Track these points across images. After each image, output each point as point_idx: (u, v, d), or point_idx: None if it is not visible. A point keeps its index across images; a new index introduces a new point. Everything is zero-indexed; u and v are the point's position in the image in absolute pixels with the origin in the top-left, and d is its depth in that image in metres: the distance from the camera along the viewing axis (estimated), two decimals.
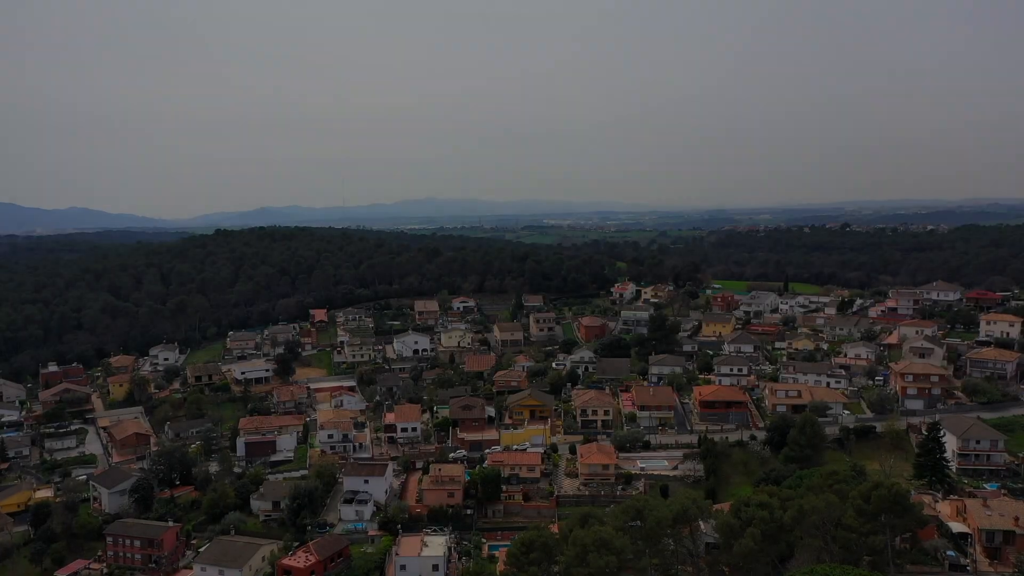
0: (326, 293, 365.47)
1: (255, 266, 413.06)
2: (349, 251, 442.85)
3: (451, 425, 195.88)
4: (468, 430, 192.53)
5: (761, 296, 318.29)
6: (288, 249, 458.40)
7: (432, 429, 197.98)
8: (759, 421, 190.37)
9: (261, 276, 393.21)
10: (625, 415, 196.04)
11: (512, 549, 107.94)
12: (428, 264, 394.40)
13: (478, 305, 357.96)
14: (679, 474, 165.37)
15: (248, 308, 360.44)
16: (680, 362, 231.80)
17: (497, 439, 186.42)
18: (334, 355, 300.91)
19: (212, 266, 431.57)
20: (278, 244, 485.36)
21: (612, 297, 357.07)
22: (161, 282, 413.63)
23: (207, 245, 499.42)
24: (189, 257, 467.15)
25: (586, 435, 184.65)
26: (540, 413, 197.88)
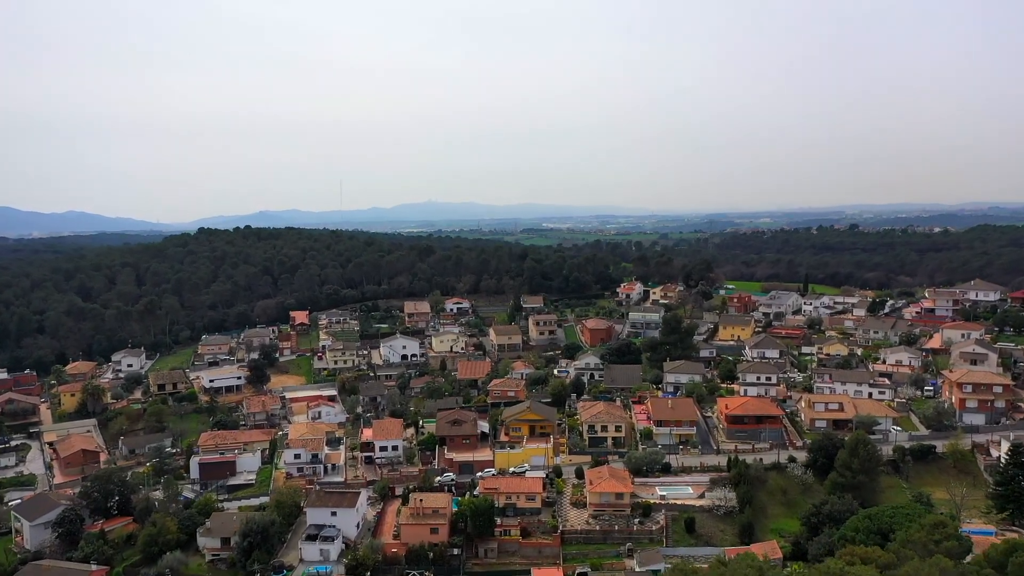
0: (309, 294, 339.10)
1: (235, 265, 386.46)
2: (337, 250, 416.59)
3: (438, 443, 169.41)
4: (457, 449, 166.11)
5: (781, 296, 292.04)
6: (273, 248, 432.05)
7: (416, 448, 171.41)
8: (796, 439, 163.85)
9: (241, 276, 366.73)
10: (640, 432, 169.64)
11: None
12: (420, 263, 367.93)
13: (473, 307, 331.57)
14: (707, 504, 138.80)
15: (225, 310, 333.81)
16: (699, 369, 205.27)
17: (491, 460, 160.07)
18: (314, 361, 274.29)
19: (191, 265, 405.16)
20: (263, 243, 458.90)
21: (618, 298, 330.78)
22: (136, 282, 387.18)
23: (188, 244, 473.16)
24: (168, 256, 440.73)
25: (595, 456, 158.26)
26: (541, 429, 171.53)
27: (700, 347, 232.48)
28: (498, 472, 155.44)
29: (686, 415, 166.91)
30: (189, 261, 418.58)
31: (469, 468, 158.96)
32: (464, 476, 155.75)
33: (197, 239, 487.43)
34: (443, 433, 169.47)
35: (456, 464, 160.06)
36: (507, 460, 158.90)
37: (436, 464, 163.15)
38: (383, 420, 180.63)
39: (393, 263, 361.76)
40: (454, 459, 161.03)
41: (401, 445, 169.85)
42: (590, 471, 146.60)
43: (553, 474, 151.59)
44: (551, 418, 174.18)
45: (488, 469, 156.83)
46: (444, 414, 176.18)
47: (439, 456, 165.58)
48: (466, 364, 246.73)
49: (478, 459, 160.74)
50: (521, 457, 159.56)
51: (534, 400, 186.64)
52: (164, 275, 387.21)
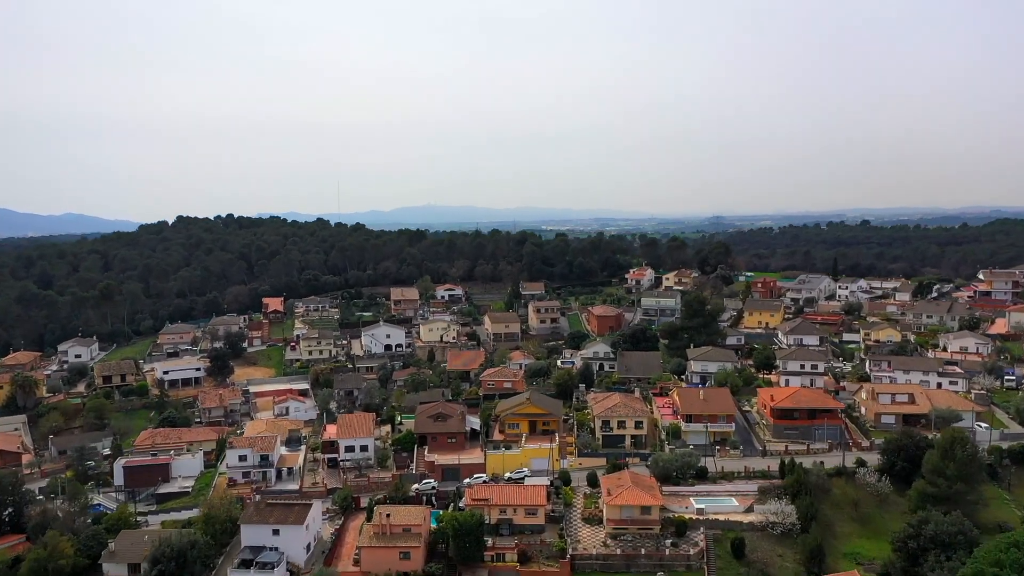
0: (287, 280, 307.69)
1: (210, 252, 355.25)
2: (321, 236, 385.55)
3: (416, 443, 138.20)
4: (441, 450, 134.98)
5: (812, 281, 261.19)
6: (253, 236, 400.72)
7: (390, 448, 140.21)
8: (859, 437, 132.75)
9: (214, 262, 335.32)
10: (664, 428, 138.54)
11: None
12: (410, 248, 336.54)
13: (467, 294, 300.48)
14: (758, 520, 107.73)
15: (194, 298, 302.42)
16: (729, 356, 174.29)
17: (482, 463, 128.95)
18: (286, 352, 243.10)
19: (164, 253, 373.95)
20: (244, 231, 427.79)
21: (627, 285, 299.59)
22: (102, 270, 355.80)
23: (163, 231, 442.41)
24: (140, 244, 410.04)
25: (611, 458, 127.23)
26: (544, 426, 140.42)
27: (727, 333, 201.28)
28: (490, 479, 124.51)
29: (722, 408, 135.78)
30: (162, 248, 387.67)
31: (454, 473, 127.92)
32: (448, 483, 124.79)
33: (174, 227, 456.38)
34: (423, 430, 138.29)
35: (438, 468, 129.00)
36: (502, 463, 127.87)
37: (414, 468, 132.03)
38: (350, 415, 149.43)
39: (380, 247, 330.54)
40: (436, 462, 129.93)
41: (372, 445, 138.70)
42: (607, 477, 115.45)
43: (559, 481, 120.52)
44: (556, 412, 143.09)
45: (478, 475, 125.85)
46: (425, 408, 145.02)
47: (418, 458, 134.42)
48: (457, 354, 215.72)
49: (465, 462, 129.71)
50: (519, 460, 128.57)
51: (535, 391, 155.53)
52: (132, 262, 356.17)
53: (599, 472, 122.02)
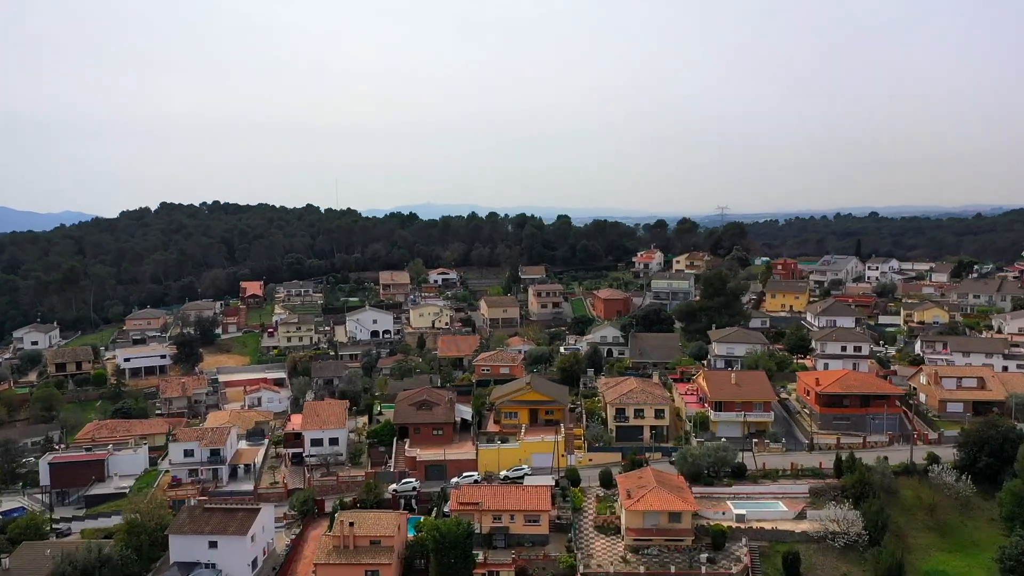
0: (268, 264, 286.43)
1: (189, 236, 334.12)
2: (309, 220, 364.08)
3: (396, 435, 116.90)
4: (425, 443, 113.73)
5: (838, 262, 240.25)
6: (237, 220, 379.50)
7: (365, 442, 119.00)
8: (923, 428, 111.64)
9: (193, 247, 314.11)
10: (690, 419, 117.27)
11: None
12: (401, 230, 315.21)
13: (462, 279, 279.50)
14: (813, 529, 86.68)
15: (169, 283, 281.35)
16: (757, 338, 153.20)
17: (473, 459, 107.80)
18: (263, 338, 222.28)
19: (142, 238, 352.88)
20: (229, 217, 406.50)
21: (634, 268, 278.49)
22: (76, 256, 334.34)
23: (144, 217, 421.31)
24: (119, 229, 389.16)
25: (628, 453, 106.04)
26: (547, 415, 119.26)
27: (750, 315, 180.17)
28: (483, 478, 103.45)
29: (759, 393, 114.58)
30: (141, 234, 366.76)
31: (440, 471, 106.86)
32: (433, 483, 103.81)
33: (156, 214, 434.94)
34: (404, 421, 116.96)
35: (421, 465, 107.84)
36: (497, 459, 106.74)
37: (392, 465, 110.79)
38: (317, 402, 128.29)
39: (369, 229, 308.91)
40: (418, 458, 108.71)
41: (345, 438, 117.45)
42: (625, 476, 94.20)
43: (566, 481, 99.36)
44: (561, 399, 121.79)
45: (468, 473, 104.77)
46: (407, 395, 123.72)
47: (397, 453, 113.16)
48: (449, 340, 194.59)
49: (454, 458, 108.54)
50: (517, 455, 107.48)
51: (536, 376, 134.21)
52: (107, 247, 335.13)
53: (614, 470, 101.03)
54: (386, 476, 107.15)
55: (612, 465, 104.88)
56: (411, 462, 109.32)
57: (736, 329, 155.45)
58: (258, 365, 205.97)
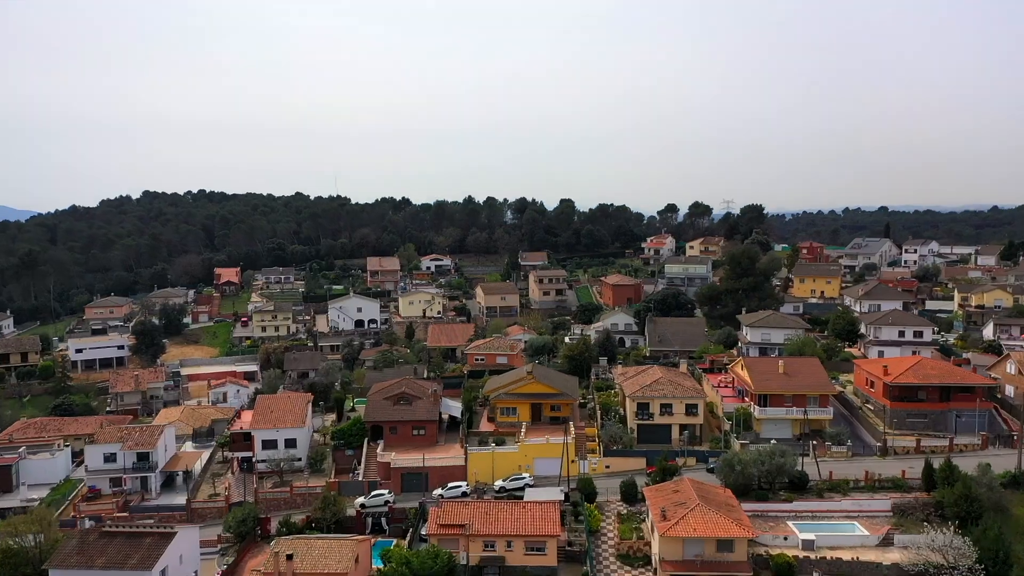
0: (247, 249, 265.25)
1: (167, 223, 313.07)
2: (296, 207, 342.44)
3: (368, 436, 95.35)
4: (402, 446, 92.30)
5: (870, 245, 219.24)
6: (222, 208, 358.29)
7: (329, 444, 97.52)
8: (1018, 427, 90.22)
9: (170, 232, 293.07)
10: (729, 416, 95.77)
11: None
12: (393, 214, 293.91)
13: (457, 265, 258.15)
14: (907, 560, 65.31)
15: (141, 270, 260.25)
16: (797, 323, 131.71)
17: (461, 465, 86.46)
18: (235, 328, 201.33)
19: (118, 225, 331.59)
20: (214, 205, 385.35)
21: (644, 255, 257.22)
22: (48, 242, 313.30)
23: (124, 205, 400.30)
24: (96, 217, 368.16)
25: (658, 459, 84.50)
26: (553, 411, 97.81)
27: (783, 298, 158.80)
28: (473, 490, 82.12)
29: (814, 384, 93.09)
30: (118, 222, 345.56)
31: (419, 481, 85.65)
32: (411, 496, 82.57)
33: (138, 202, 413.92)
34: (377, 417, 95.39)
35: (396, 473, 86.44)
36: (490, 466, 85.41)
37: (360, 473, 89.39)
38: (272, 396, 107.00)
39: (357, 213, 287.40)
40: (394, 463, 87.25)
41: (306, 439, 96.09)
42: (656, 489, 72.76)
43: (579, 494, 77.91)
44: (570, 392, 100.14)
45: (454, 484, 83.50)
46: (382, 386, 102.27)
47: (367, 458, 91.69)
48: (440, 329, 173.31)
49: (437, 463, 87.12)
50: (516, 460, 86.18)
51: (539, 366, 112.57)
52: (79, 234, 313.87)
53: (639, 479, 79.80)
54: (352, 487, 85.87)
55: (635, 473, 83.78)
56: (384, 469, 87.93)
57: (771, 313, 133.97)
58: (227, 357, 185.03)
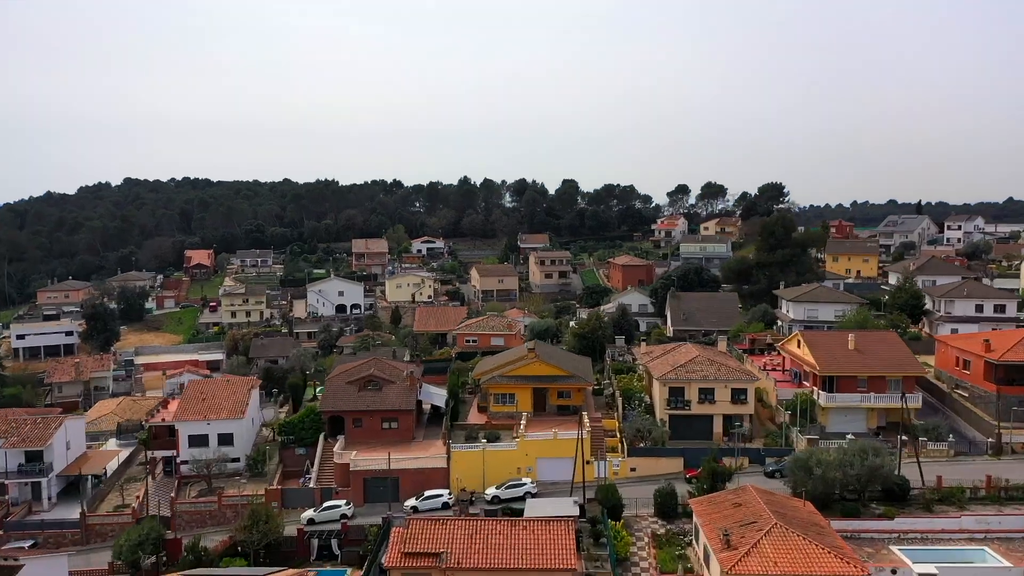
0: (224, 232, 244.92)
1: (142, 206, 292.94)
2: (281, 191, 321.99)
3: (325, 430, 74.76)
4: (368, 443, 71.73)
5: (906, 223, 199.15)
6: (203, 193, 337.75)
7: (277, 441, 76.90)
8: None
9: (144, 216, 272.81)
10: (786, 405, 75.16)
11: None
12: (383, 195, 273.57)
13: (451, 248, 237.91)
14: None
15: (107, 254, 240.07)
16: (848, 297, 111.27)
17: (442, 467, 66.01)
18: (202, 314, 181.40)
19: (92, 210, 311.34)
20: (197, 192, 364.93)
21: (654, 237, 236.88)
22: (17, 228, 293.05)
23: (100, 191, 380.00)
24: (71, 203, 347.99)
25: (705, 459, 63.90)
26: (561, 399, 77.38)
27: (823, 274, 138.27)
28: (456, 501, 61.83)
29: (895, 363, 72.65)
30: (92, 207, 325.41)
31: (387, 488, 65.14)
32: (377, 508, 62.22)
33: (118, 188, 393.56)
34: (337, 407, 74.72)
35: (358, 478, 66.01)
36: (480, 468, 65.13)
37: (312, 478, 68.96)
38: (206, 381, 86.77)
39: (344, 194, 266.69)
40: (353, 465, 66.74)
41: (247, 434, 75.68)
42: (707, 503, 52.08)
43: (599, 507, 57.35)
44: (582, 374, 79.34)
45: (434, 493, 63.23)
46: (346, 368, 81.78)
47: (322, 459, 71.14)
48: (429, 312, 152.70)
49: (411, 465, 66.73)
50: (514, 461, 65.87)
51: (542, 344, 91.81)
52: (49, 217, 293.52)
53: (678, 486, 59.38)
54: (299, 496, 65.62)
55: (669, 478, 63.52)
56: (343, 473, 67.53)
57: (817, 286, 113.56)
58: (191, 344, 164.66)
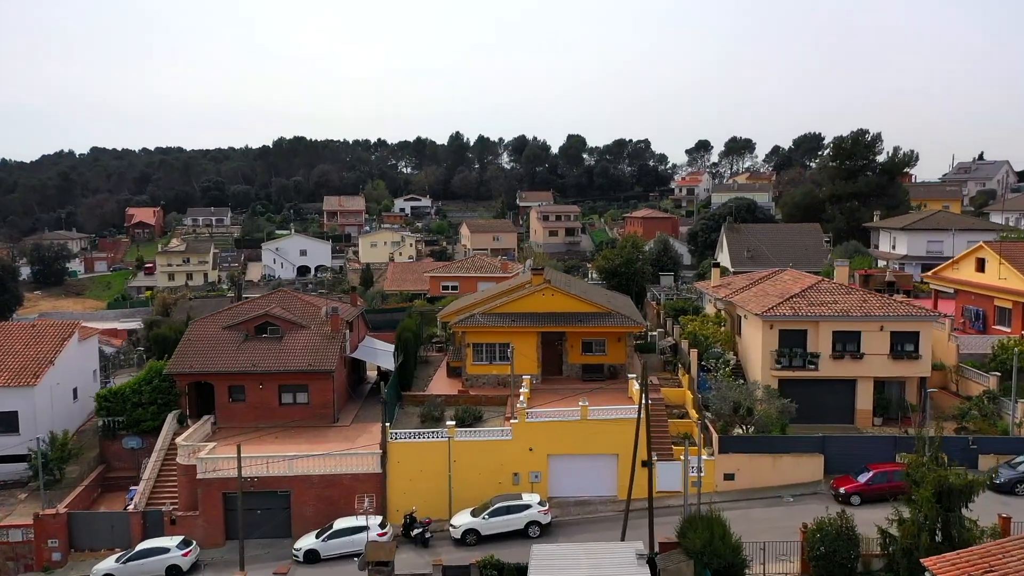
0: (178, 192, 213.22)
1: (93, 167, 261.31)
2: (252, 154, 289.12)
3: (180, 412, 42.99)
4: (250, 423, 40.04)
5: (982, 169, 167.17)
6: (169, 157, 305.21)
7: (98, 427, 44.93)
8: None
9: (94, 176, 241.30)
10: (978, 365, 43.35)
11: None
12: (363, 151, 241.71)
13: (439, 208, 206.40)
14: None
15: (42, 215, 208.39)
16: (987, 224, 79.53)
17: (373, 474, 34.38)
18: (133, 277, 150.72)
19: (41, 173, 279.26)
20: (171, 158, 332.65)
21: (675, 196, 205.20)
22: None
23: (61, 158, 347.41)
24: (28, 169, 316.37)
25: (912, 455, 31.97)
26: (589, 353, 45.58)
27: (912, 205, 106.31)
28: (394, 536, 30.05)
29: None
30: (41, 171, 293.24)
31: (264, 513, 33.51)
32: (250, 548, 30.47)
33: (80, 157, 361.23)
34: (200, 368, 42.99)
35: (214, 493, 34.50)
36: (441, 477, 33.36)
37: (139, 489, 37.40)
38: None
39: (316, 150, 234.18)
40: (202, 470, 35.17)
41: (44, 414, 44.01)
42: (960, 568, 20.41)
43: (692, 562, 25.54)
44: (625, 315, 47.32)
45: (348, 525, 31.68)
46: (230, 310, 50.23)
47: (165, 457, 39.45)
48: (402, 268, 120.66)
49: (315, 470, 35.24)
50: (506, 461, 34.11)
51: (556, 272, 59.82)
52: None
53: (814, 505, 27.64)
54: (96, 529, 34.12)
55: (800, 491, 32.04)
56: (188, 483, 36.06)
57: (940, 210, 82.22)
58: (111, 311, 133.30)
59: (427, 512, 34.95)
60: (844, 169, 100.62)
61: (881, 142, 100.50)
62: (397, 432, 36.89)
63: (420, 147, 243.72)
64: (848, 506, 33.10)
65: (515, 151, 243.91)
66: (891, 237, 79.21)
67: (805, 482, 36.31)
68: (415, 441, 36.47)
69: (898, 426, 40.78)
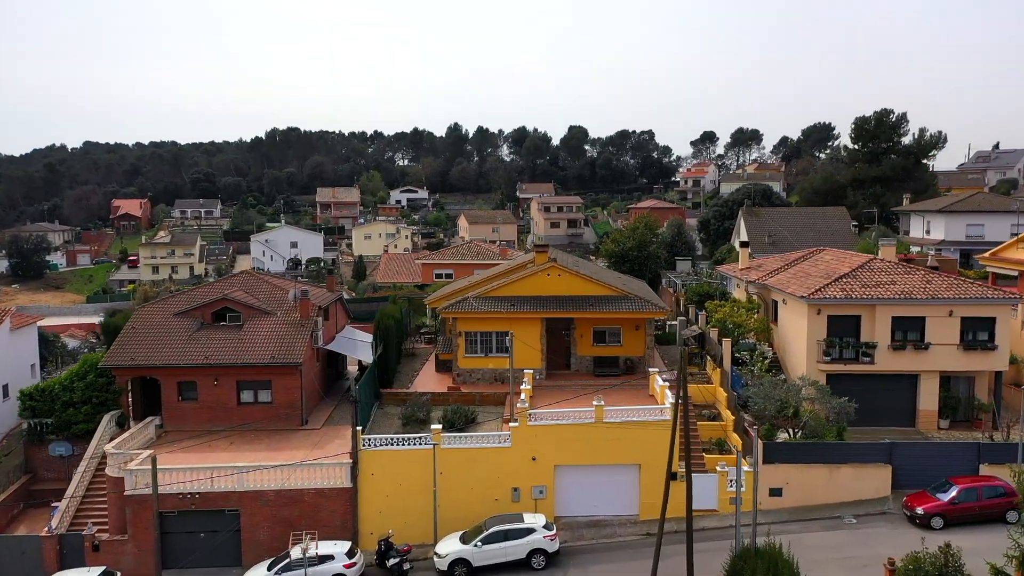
0: (168, 184, 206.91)
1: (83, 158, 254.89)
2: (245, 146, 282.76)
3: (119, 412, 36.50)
4: (200, 425, 33.56)
5: (1002, 158, 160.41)
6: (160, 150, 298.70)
7: (21, 432, 38.44)
8: None
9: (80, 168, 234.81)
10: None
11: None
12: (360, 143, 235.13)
13: (436, 200, 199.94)
14: None
15: (25, 207, 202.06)
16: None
17: (342, 488, 27.81)
18: (114, 270, 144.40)
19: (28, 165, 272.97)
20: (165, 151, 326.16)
21: (680, 188, 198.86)
22: None
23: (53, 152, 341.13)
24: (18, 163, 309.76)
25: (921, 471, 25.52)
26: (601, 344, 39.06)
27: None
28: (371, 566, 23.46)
29: None
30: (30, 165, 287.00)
31: (207, 538, 26.96)
32: None
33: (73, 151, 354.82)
34: (144, 361, 36.57)
35: (144, 511, 28.02)
36: (425, 494, 26.81)
37: (62, 508, 30.87)
38: None
39: (312, 141, 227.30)
40: (132, 484, 28.71)
41: None
42: None
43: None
44: (644, 299, 40.82)
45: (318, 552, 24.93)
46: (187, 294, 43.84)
47: (97, 467, 32.99)
48: (395, 260, 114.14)
49: (271, 485, 28.78)
50: (504, 473, 27.55)
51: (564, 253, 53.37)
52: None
53: (889, 529, 21.13)
54: (4, 552, 27.46)
55: (862, 509, 25.40)
56: (117, 500, 29.57)
57: (976, 191, 75.82)
58: (90, 305, 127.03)
59: (407, 537, 28.54)
60: (867, 151, 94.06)
61: (907, 123, 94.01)
62: (371, 438, 30.42)
63: (417, 138, 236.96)
64: (928, 530, 26.73)
65: (515, 143, 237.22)
66: (924, 221, 72.71)
67: (868, 499, 29.89)
68: (393, 449, 30.01)
69: (980, 431, 34.34)
